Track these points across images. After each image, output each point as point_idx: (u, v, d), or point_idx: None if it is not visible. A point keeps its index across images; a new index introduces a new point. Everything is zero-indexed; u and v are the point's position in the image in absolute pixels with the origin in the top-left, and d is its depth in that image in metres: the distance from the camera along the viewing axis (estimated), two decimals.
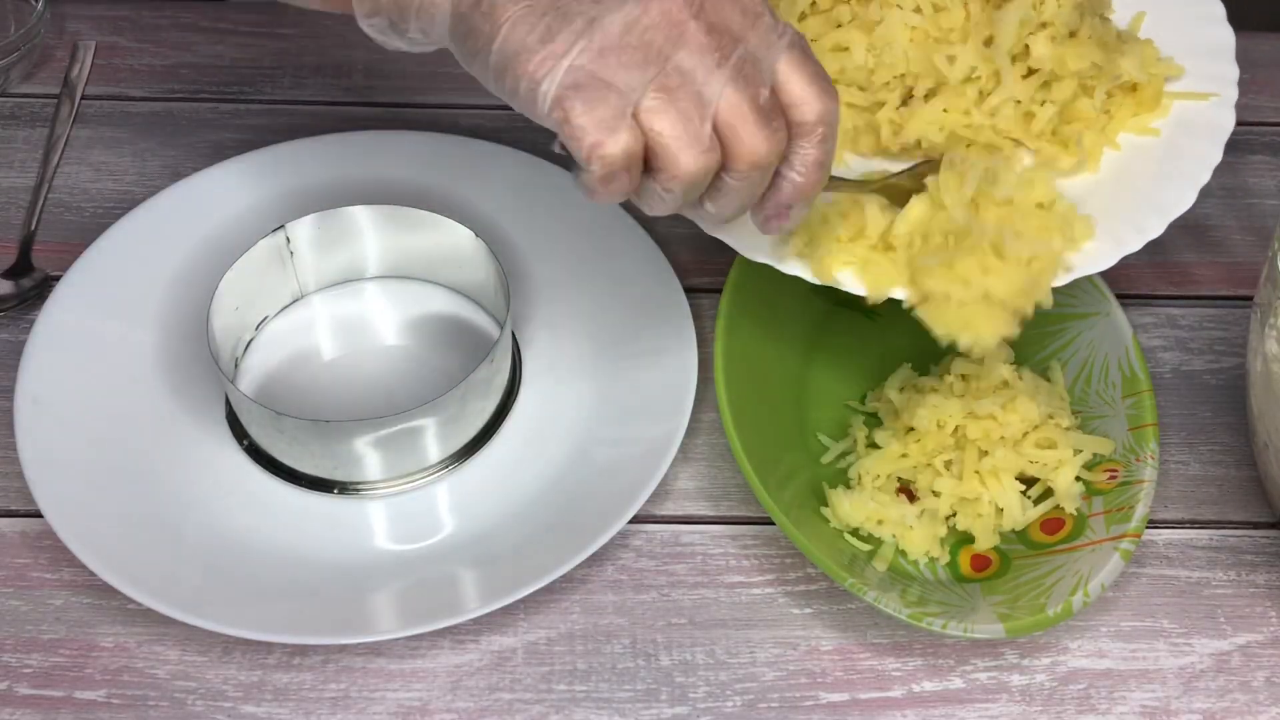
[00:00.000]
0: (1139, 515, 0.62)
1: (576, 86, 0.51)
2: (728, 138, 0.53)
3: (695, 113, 0.52)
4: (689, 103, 0.52)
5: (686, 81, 0.52)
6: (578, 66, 0.51)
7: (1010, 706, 0.60)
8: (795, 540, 0.60)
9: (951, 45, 0.64)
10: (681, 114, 0.52)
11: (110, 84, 0.83)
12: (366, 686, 0.60)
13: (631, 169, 0.52)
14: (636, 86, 0.51)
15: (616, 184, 0.52)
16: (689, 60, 0.52)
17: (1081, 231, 0.61)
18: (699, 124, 0.52)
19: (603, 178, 0.52)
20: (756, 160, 0.53)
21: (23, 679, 0.60)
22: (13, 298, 0.72)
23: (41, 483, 0.62)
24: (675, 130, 0.52)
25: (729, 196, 0.54)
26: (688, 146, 0.52)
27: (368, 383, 0.68)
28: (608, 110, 0.51)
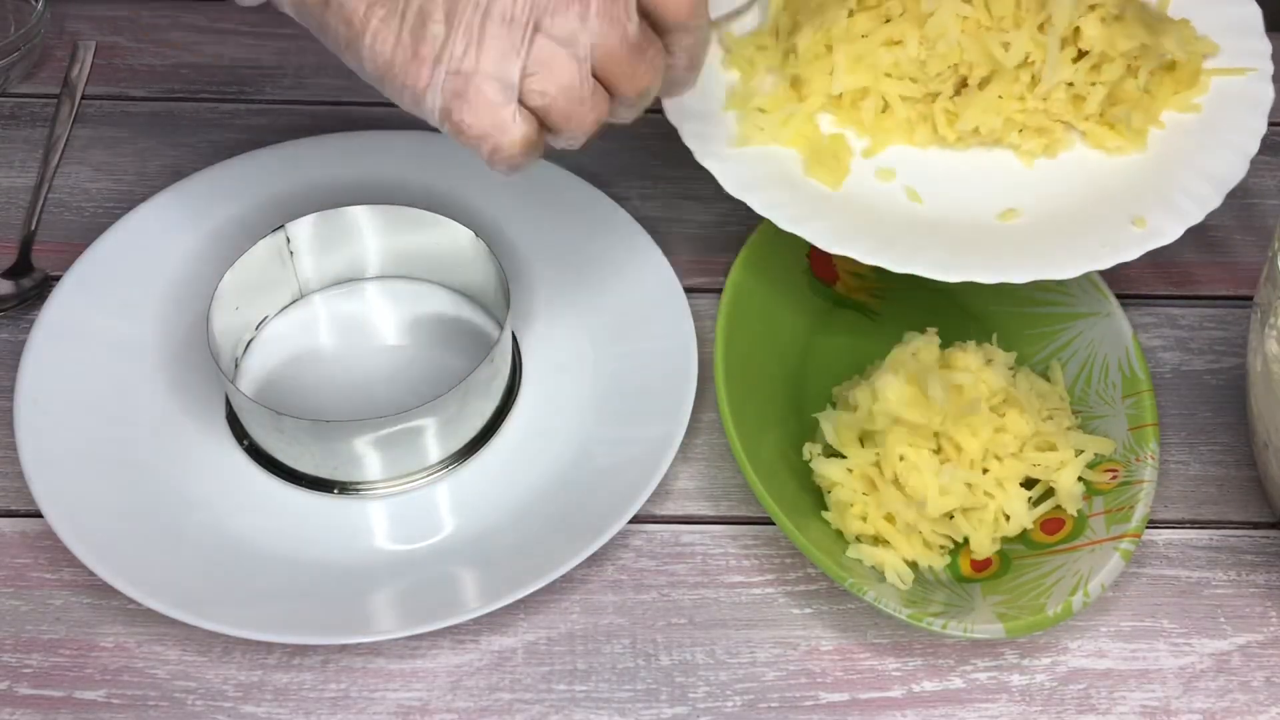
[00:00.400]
0: (1139, 515, 0.62)
1: (458, 94, 0.52)
2: (610, 81, 0.54)
3: (575, 75, 0.53)
4: (566, 68, 0.52)
5: (558, 48, 0.52)
6: (453, 72, 0.51)
7: (1010, 706, 0.60)
8: (795, 540, 0.60)
9: (1005, 32, 0.65)
10: (563, 84, 0.52)
11: (110, 84, 0.83)
12: (366, 686, 0.60)
13: (531, 152, 0.54)
14: (514, 71, 0.52)
15: (527, 159, 0.54)
16: (555, 25, 0.52)
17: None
18: (581, 85, 0.53)
19: (514, 165, 0.54)
20: (641, 89, 0.54)
21: (23, 679, 0.60)
22: (13, 298, 0.72)
23: (41, 483, 0.62)
24: (563, 101, 0.53)
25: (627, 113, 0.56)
26: (578, 110, 0.53)
27: (368, 383, 0.68)
28: (492, 110, 0.52)
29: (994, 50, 0.65)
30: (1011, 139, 0.68)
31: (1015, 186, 0.68)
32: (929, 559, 0.62)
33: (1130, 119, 0.67)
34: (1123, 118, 0.67)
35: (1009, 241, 0.65)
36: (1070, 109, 0.67)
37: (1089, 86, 0.66)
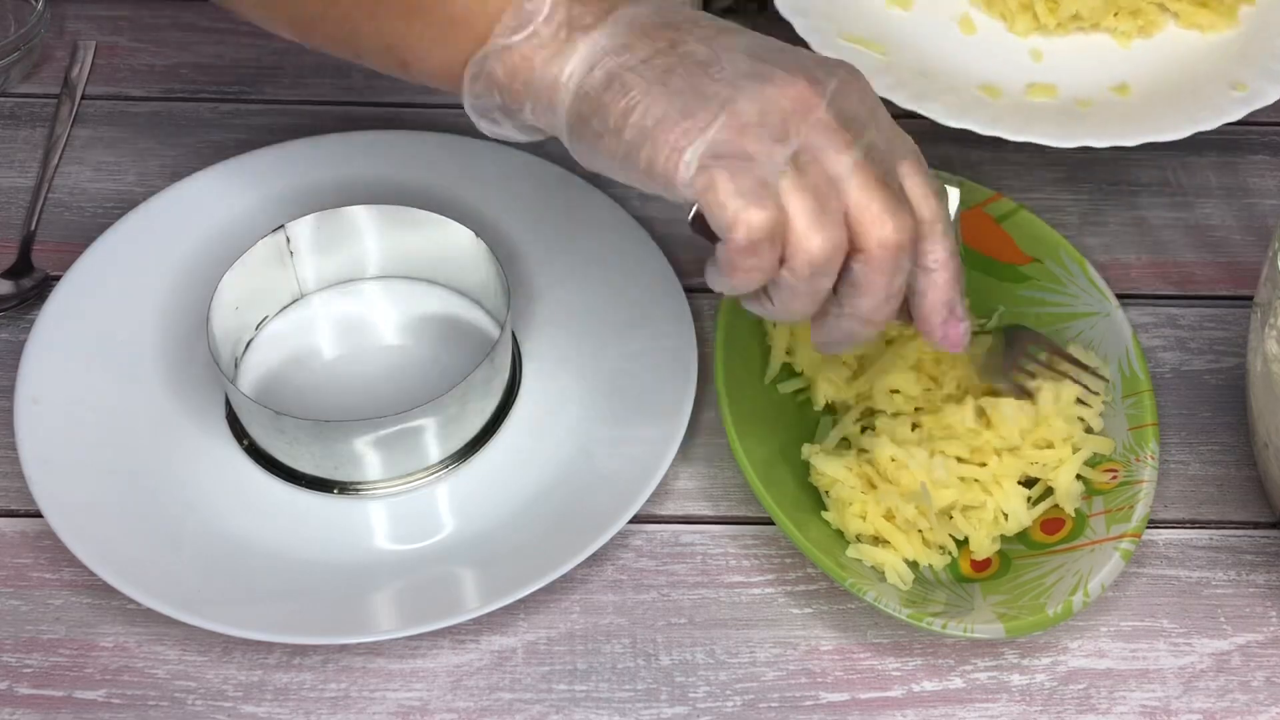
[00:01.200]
0: (1139, 515, 0.62)
1: (718, 156, 0.51)
2: (858, 219, 0.52)
3: (827, 190, 0.51)
4: (820, 180, 0.51)
5: (817, 160, 0.51)
6: (719, 139, 0.51)
7: (1010, 706, 0.60)
8: (795, 540, 0.60)
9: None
10: (814, 191, 0.51)
11: (110, 84, 0.83)
12: (366, 686, 0.60)
13: (774, 242, 0.51)
14: (777, 160, 0.51)
15: (757, 258, 0.51)
16: (819, 140, 0.51)
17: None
18: (831, 200, 0.51)
19: (745, 248, 0.51)
20: (886, 240, 0.52)
21: (23, 679, 0.60)
22: (13, 298, 0.72)
23: (41, 483, 0.62)
24: (806, 205, 0.51)
25: (862, 289, 0.53)
26: (817, 223, 0.51)
27: (368, 383, 0.68)
28: (751, 180, 0.50)
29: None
30: (1108, 22, 0.71)
31: (1115, 66, 0.72)
32: (929, 558, 0.62)
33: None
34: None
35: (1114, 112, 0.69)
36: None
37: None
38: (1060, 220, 0.79)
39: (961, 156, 0.81)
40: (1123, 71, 0.72)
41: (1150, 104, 0.70)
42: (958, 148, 0.82)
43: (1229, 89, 0.68)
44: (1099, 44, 0.73)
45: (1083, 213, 0.79)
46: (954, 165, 0.81)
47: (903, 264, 0.53)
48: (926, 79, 0.72)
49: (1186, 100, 0.69)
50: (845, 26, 0.72)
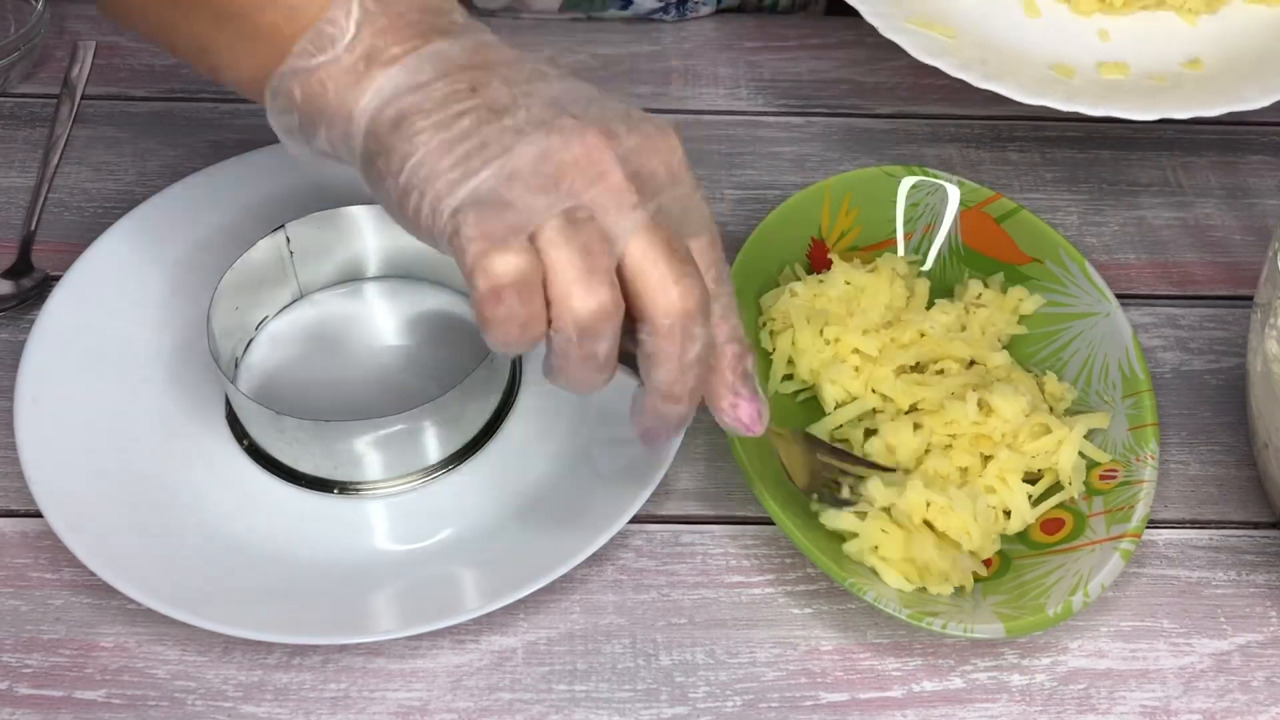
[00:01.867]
0: (1139, 515, 0.62)
1: (476, 203, 0.48)
2: (639, 285, 0.49)
3: (597, 246, 0.48)
4: (591, 236, 0.48)
5: (595, 218, 0.49)
6: (483, 187, 0.49)
7: (1010, 706, 0.60)
8: (795, 540, 0.60)
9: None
10: (581, 245, 0.48)
11: (110, 84, 0.83)
12: (366, 686, 0.60)
13: (523, 293, 0.48)
14: (539, 210, 0.48)
15: (504, 307, 0.48)
16: (602, 199, 0.49)
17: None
18: (600, 259, 0.48)
19: (488, 295, 0.48)
20: (670, 308, 0.49)
21: (23, 679, 0.60)
22: (13, 298, 0.72)
23: (41, 483, 0.62)
24: (571, 261, 0.48)
25: (655, 360, 0.50)
26: (582, 279, 0.48)
27: (368, 383, 0.68)
28: (500, 224, 0.48)
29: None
30: (1174, 1, 0.72)
31: (1185, 42, 0.72)
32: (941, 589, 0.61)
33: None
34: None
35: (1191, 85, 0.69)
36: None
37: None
38: (1060, 220, 0.79)
39: (961, 156, 0.81)
40: (1193, 47, 0.73)
41: (1227, 76, 0.71)
42: (958, 148, 0.82)
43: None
44: (1165, 22, 0.74)
45: (1083, 213, 0.79)
46: (954, 165, 0.81)
47: (693, 332, 0.50)
48: (998, 59, 0.72)
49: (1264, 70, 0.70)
50: (910, 10, 0.73)
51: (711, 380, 0.53)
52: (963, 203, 0.72)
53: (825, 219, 0.71)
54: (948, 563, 0.60)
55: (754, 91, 0.85)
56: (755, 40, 0.87)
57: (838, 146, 0.82)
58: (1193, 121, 0.71)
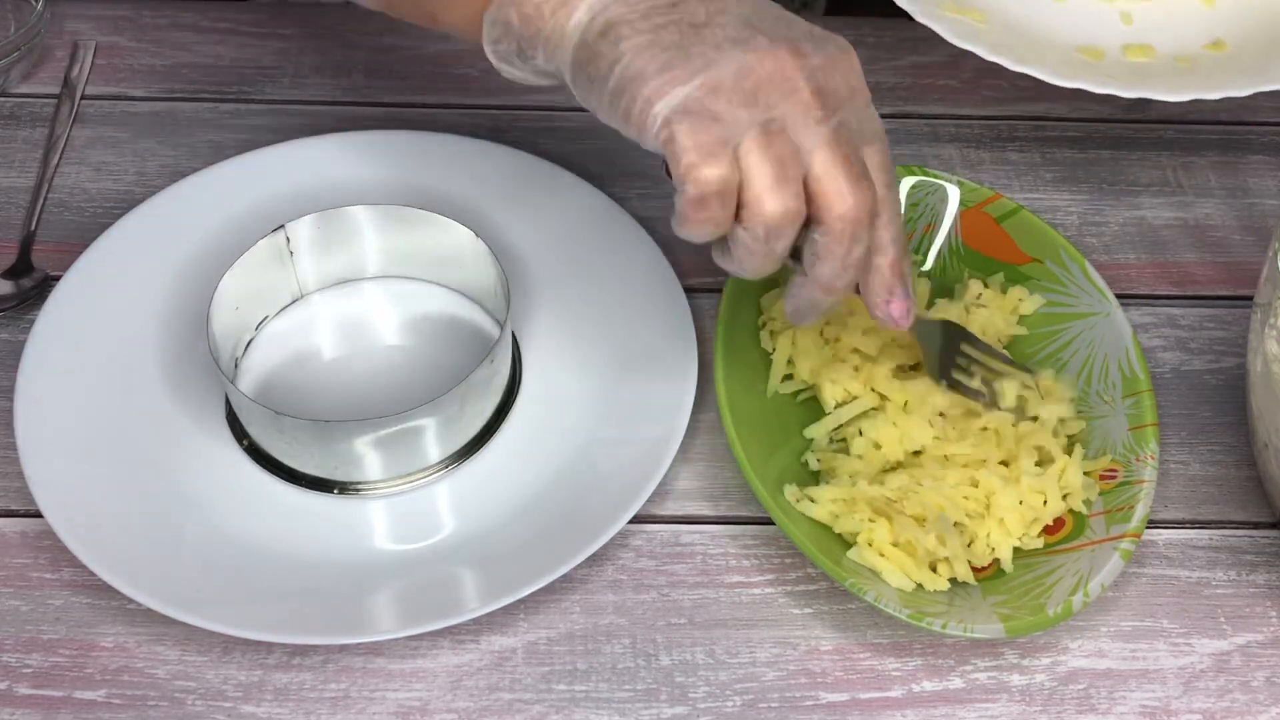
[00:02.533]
0: (1139, 515, 0.62)
1: (686, 112, 0.53)
2: (819, 191, 0.55)
3: (789, 158, 0.54)
4: (784, 149, 0.54)
5: (786, 130, 0.54)
6: (691, 96, 0.53)
7: (1010, 706, 0.60)
8: (795, 540, 0.60)
9: None
10: (776, 156, 0.53)
11: (110, 84, 0.83)
12: (366, 686, 0.60)
13: (724, 199, 0.54)
14: (742, 124, 0.53)
15: (707, 211, 0.54)
16: (792, 112, 0.54)
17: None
18: (790, 169, 0.54)
19: (695, 200, 0.54)
20: (845, 213, 0.54)
21: (23, 679, 0.60)
22: (13, 298, 0.72)
23: (41, 483, 0.62)
24: (766, 170, 0.53)
25: (822, 257, 0.56)
26: (775, 188, 0.54)
27: (368, 383, 0.68)
28: (710, 138, 0.53)
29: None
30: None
31: (1206, 24, 0.73)
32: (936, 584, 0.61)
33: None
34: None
35: (1219, 66, 0.70)
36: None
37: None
38: (1060, 220, 0.79)
39: (961, 156, 0.81)
40: (1215, 29, 0.73)
41: (1250, 56, 0.71)
42: (958, 148, 0.82)
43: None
44: (1185, 4, 0.75)
45: (1083, 213, 0.79)
46: (954, 165, 0.81)
47: (860, 236, 0.55)
48: (1028, 43, 0.73)
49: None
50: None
51: (871, 278, 0.58)
52: (963, 203, 0.72)
53: None
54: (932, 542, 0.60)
55: None
56: None
57: None
58: (1195, 121, 0.71)
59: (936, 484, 0.62)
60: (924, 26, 0.79)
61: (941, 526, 0.61)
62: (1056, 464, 0.64)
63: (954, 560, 0.61)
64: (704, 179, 0.53)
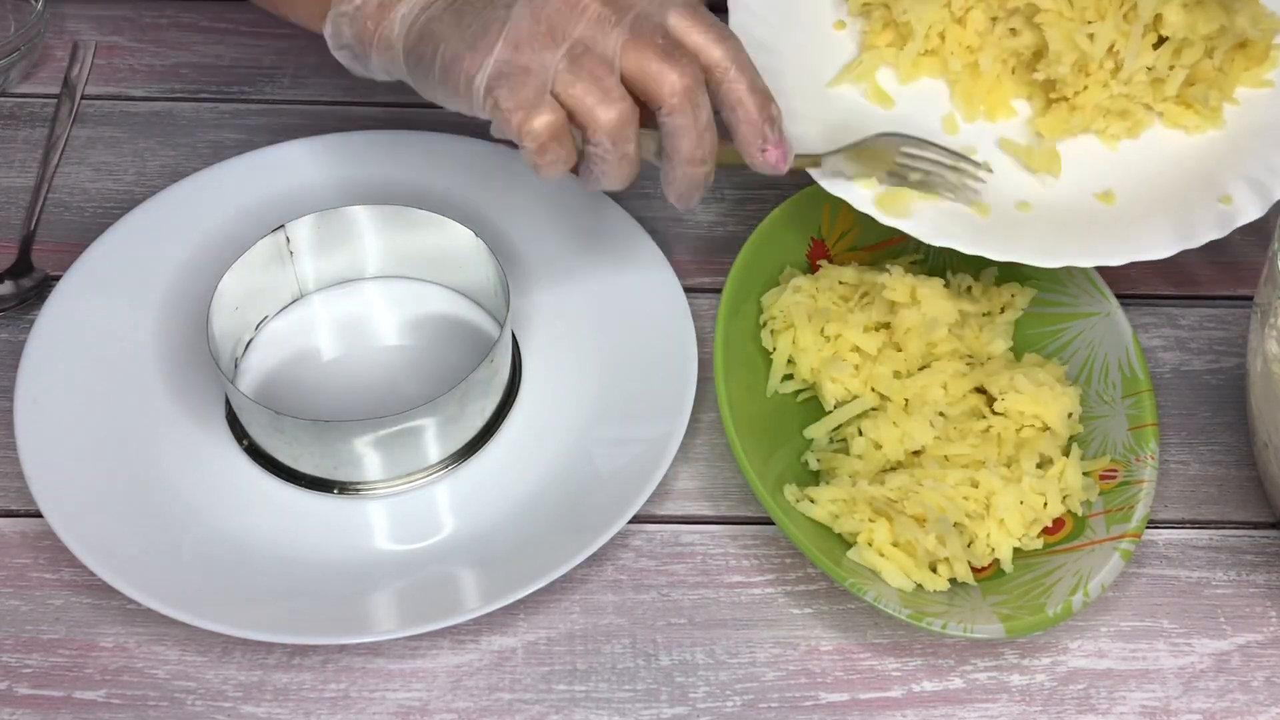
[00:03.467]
0: (1139, 515, 0.62)
1: (500, 76, 0.58)
2: (641, 84, 0.59)
3: (601, 70, 0.58)
4: (593, 64, 0.58)
5: (590, 48, 0.59)
6: (500, 60, 0.58)
7: (1010, 706, 0.60)
8: (795, 540, 0.60)
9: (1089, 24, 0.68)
10: (590, 75, 0.58)
11: (110, 84, 0.83)
12: (366, 686, 0.60)
13: (560, 139, 0.59)
14: (549, 65, 0.58)
15: (551, 154, 0.59)
16: (589, 29, 0.59)
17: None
18: (605, 79, 0.58)
19: (536, 150, 0.59)
20: (674, 87, 0.58)
21: (23, 679, 0.60)
22: (13, 298, 0.72)
23: (41, 483, 0.62)
24: (585, 90, 0.58)
25: (677, 135, 0.60)
26: (600, 101, 0.58)
27: (368, 383, 0.68)
28: (528, 91, 0.58)
29: (1080, 41, 0.67)
30: (1096, 124, 0.70)
31: (1102, 170, 0.70)
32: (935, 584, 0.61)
33: (1207, 98, 0.69)
34: (1200, 97, 0.69)
35: (1100, 225, 0.67)
36: (1150, 92, 0.69)
37: (1169, 70, 0.68)
38: None
39: None
40: (1108, 176, 0.69)
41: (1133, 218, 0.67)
42: None
43: (1215, 201, 0.66)
44: (1085, 146, 0.70)
45: None
46: None
47: (699, 100, 0.59)
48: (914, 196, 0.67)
49: (1173, 211, 0.67)
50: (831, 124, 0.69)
51: (741, 131, 0.61)
52: None
53: (825, 219, 0.71)
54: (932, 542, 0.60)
55: None
56: None
57: None
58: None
59: (936, 484, 0.62)
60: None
61: (941, 527, 0.61)
62: (1056, 465, 0.64)
63: (954, 560, 0.61)
64: (534, 130, 0.58)
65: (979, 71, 0.71)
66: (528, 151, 0.59)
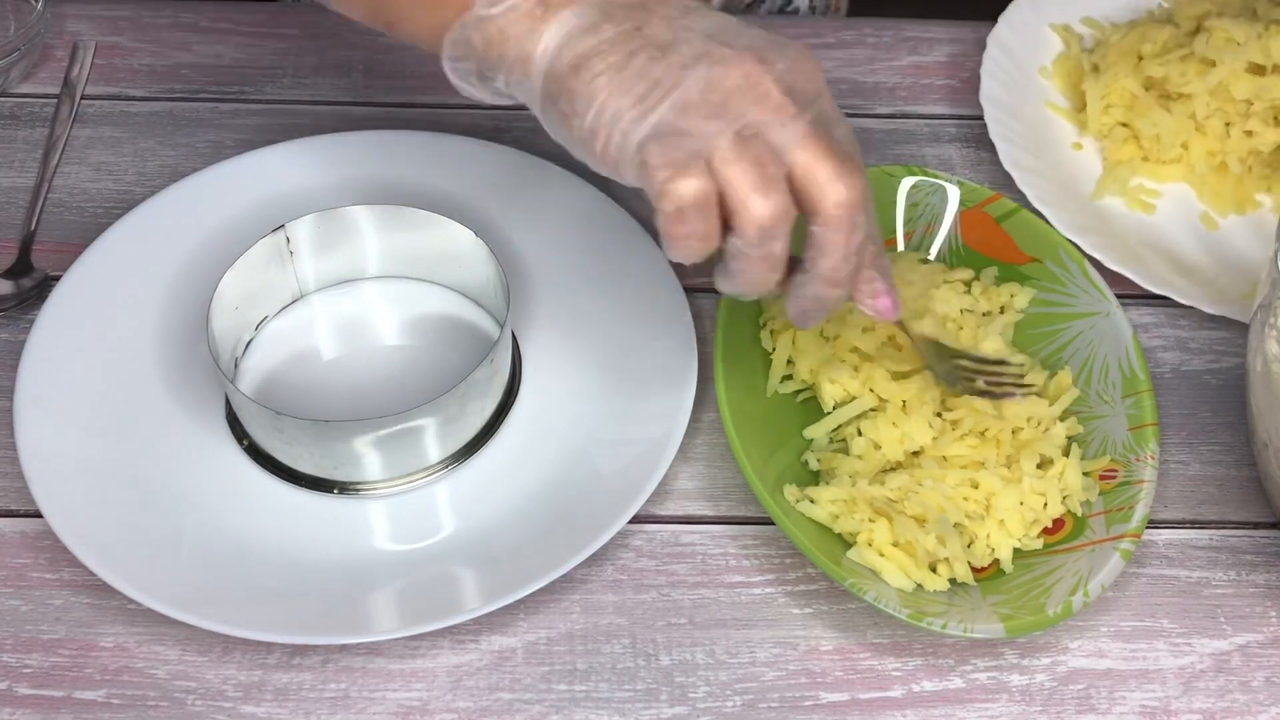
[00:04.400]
0: (1139, 515, 0.62)
1: (657, 136, 0.53)
2: (808, 184, 0.54)
3: (768, 159, 0.53)
4: (761, 150, 0.53)
5: (761, 132, 0.54)
6: (662, 120, 0.53)
7: (1010, 706, 0.60)
8: (795, 540, 0.60)
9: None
10: (754, 159, 0.53)
11: (110, 84, 0.83)
12: (366, 686, 0.60)
13: (704, 210, 0.53)
14: (711, 135, 0.53)
15: (687, 226, 0.54)
16: (765, 115, 0.54)
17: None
18: (771, 168, 0.53)
19: (672, 216, 0.53)
20: (841, 200, 0.54)
21: (23, 679, 0.60)
22: (13, 298, 0.72)
23: (41, 483, 0.62)
24: (746, 174, 0.53)
25: (823, 250, 0.55)
26: (759, 189, 0.53)
27: (368, 383, 0.68)
28: (681, 153, 0.53)
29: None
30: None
31: None
32: (935, 584, 0.61)
33: None
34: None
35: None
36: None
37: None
38: None
39: (962, 156, 0.81)
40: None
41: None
42: (958, 148, 0.82)
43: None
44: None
45: None
46: (954, 165, 0.81)
47: (859, 221, 0.55)
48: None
49: None
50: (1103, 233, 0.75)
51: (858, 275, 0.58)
52: (963, 203, 0.72)
53: None
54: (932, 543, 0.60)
55: None
56: None
57: None
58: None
59: (936, 484, 0.62)
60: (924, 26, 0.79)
61: (941, 527, 0.61)
62: (1056, 466, 0.64)
63: (954, 561, 0.61)
64: (677, 192, 0.53)
65: (1227, 171, 0.78)
66: (664, 216, 0.54)
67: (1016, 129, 0.79)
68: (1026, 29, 0.84)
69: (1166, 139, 0.78)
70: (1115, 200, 0.78)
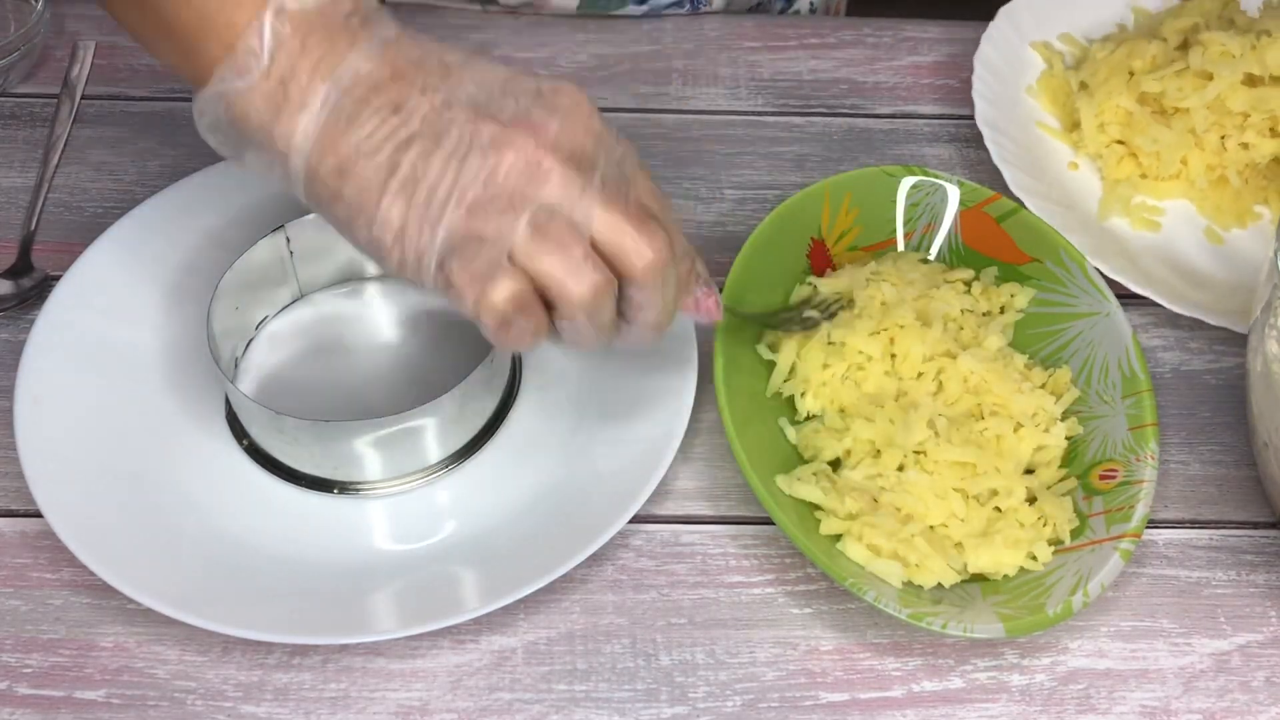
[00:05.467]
0: (1139, 515, 0.62)
1: (452, 250, 0.52)
2: (615, 254, 0.54)
3: (570, 240, 0.53)
4: (561, 231, 0.53)
5: (556, 214, 0.53)
6: (453, 230, 0.52)
7: (1010, 706, 0.60)
8: (795, 540, 0.60)
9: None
10: (557, 245, 0.52)
11: (110, 84, 0.83)
12: (366, 686, 0.60)
13: (525, 311, 0.53)
14: (507, 231, 0.52)
15: (516, 329, 0.53)
16: (554, 195, 0.52)
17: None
18: (575, 248, 0.53)
19: (499, 326, 0.53)
20: (649, 264, 0.54)
21: (23, 679, 0.60)
22: (13, 298, 0.72)
23: (41, 483, 0.62)
24: (554, 264, 0.52)
25: (644, 306, 0.56)
26: (571, 274, 0.53)
27: (368, 383, 0.68)
28: (482, 262, 0.52)
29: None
30: None
31: None
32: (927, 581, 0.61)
33: None
34: None
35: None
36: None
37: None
38: None
39: (961, 156, 0.81)
40: None
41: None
42: (958, 148, 0.82)
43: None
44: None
45: None
46: (954, 165, 0.81)
47: (669, 275, 0.55)
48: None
49: None
50: (1113, 253, 0.75)
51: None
52: (962, 203, 0.72)
53: (825, 219, 0.71)
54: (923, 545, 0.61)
55: (754, 91, 0.85)
56: (755, 40, 0.87)
57: (838, 146, 0.82)
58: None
59: (930, 487, 0.62)
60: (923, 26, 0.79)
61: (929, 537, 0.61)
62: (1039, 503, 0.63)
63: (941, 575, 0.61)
64: (493, 306, 0.52)
65: (1227, 185, 0.78)
66: (488, 329, 0.53)
67: (1014, 151, 0.78)
68: (1009, 46, 0.83)
69: (1167, 155, 0.77)
70: (1120, 220, 0.78)
